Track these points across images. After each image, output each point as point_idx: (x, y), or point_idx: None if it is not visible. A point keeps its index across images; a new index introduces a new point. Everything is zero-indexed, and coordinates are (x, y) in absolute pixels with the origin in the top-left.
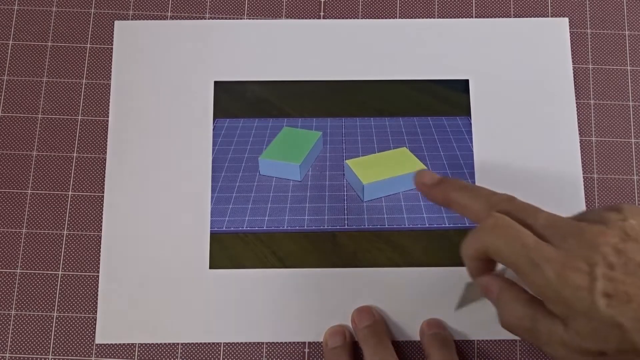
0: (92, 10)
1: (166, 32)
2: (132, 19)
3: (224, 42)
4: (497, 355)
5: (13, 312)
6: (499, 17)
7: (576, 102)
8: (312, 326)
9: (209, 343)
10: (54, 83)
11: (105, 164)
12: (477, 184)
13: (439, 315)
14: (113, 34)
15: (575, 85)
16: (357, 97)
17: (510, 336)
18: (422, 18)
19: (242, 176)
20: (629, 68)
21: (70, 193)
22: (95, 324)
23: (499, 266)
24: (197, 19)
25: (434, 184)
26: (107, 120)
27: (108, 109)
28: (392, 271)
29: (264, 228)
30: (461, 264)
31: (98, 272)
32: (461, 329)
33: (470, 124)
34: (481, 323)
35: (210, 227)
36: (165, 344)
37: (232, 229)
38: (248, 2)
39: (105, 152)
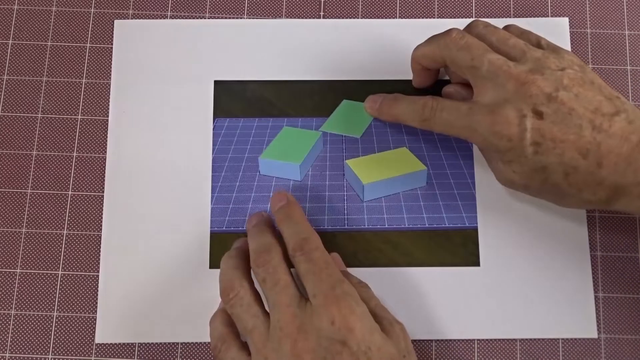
0: (92, 10)
1: (166, 31)
2: (132, 19)
3: (224, 42)
4: (497, 355)
5: (13, 312)
6: (499, 17)
7: None
8: None
9: (209, 343)
10: (54, 83)
11: (105, 163)
12: (477, 185)
13: (440, 314)
14: (113, 33)
15: None
16: (357, 97)
17: (510, 336)
18: (422, 18)
19: (242, 176)
20: (629, 68)
21: (70, 193)
22: (95, 324)
23: None
24: (197, 18)
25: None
26: (107, 120)
27: (108, 109)
28: (392, 271)
29: None
30: (462, 264)
31: (98, 272)
32: (461, 328)
33: None
34: (481, 323)
35: (210, 227)
36: (165, 343)
37: (232, 229)
38: (248, 2)
39: (105, 152)
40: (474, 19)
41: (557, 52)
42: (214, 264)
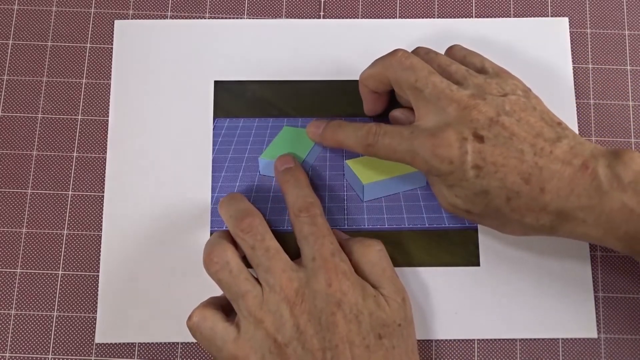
0: (92, 10)
1: (166, 32)
2: (132, 19)
3: (224, 42)
4: (497, 355)
5: (13, 312)
6: (499, 17)
7: (576, 102)
8: None
9: None
10: (54, 83)
11: (105, 163)
12: None
13: (440, 314)
14: (113, 33)
15: (575, 85)
16: (357, 97)
17: (510, 336)
18: (422, 18)
19: (242, 176)
20: (629, 68)
21: (70, 193)
22: (95, 324)
23: None
24: (197, 18)
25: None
26: (107, 120)
27: (108, 109)
28: None
29: None
30: (462, 264)
31: (98, 272)
32: (461, 328)
33: None
34: (481, 323)
35: (210, 227)
36: (165, 343)
37: None
38: (248, 2)
39: (105, 152)
40: (473, 19)
41: (500, 76)
42: None
